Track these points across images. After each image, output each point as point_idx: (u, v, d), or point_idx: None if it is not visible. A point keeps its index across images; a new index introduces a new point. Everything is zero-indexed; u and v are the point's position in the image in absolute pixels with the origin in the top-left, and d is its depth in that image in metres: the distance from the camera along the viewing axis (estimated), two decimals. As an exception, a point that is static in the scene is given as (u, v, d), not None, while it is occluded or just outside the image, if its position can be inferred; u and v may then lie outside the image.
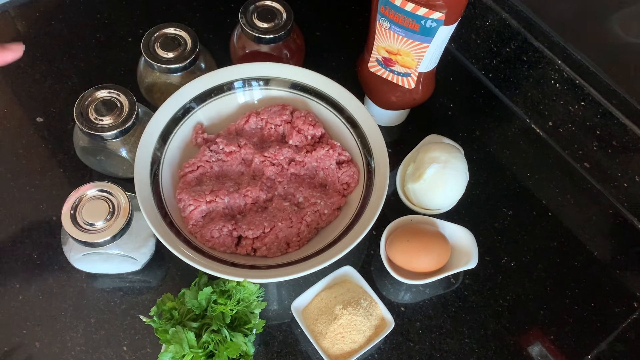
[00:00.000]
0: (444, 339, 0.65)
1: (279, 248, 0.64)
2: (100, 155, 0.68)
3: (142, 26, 0.85)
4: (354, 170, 0.68)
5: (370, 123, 0.68)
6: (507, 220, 0.73)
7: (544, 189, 0.76)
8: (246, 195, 0.66)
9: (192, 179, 0.67)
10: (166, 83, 0.72)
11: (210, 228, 0.63)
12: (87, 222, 0.59)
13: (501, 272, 0.70)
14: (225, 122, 0.72)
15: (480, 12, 0.77)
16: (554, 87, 0.74)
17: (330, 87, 0.71)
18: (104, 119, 0.64)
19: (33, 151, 0.74)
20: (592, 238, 0.72)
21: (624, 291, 0.69)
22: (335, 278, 0.65)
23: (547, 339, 0.66)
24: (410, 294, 0.68)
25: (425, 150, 0.70)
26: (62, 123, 0.76)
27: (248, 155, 0.69)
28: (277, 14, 0.72)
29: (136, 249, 0.63)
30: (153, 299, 0.66)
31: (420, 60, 0.65)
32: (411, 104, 0.73)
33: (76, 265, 0.64)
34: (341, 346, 0.61)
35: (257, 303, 0.59)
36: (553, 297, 0.68)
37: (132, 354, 0.63)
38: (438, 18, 0.59)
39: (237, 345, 0.56)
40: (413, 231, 0.65)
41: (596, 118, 0.71)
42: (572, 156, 0.77)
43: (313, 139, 0.70)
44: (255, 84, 0.72)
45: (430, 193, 0.68)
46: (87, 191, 0.61)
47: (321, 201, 0.66)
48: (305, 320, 0.63)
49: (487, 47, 0.80)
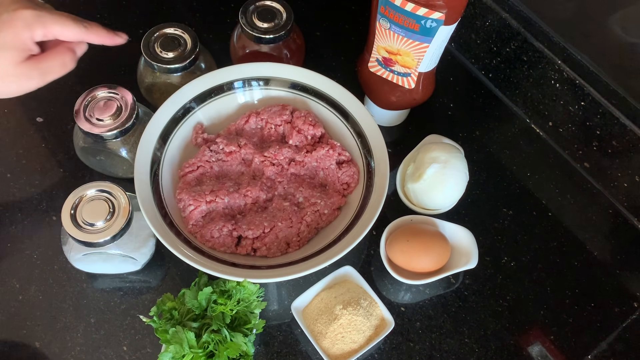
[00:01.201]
0: (444, 339, 0.65)
1: (279, 248, 0.64)
2: (100, 155, 0.68)
3: (142, 26, 0.84)
4: (354, 170, 0.68)
5: (370, 123, 0.68)
6: (507, 220, 0.73)
7: (544, 189, 0.76)
8: (246, 195, 0.66)
9: (192, 179, 0.67)
10: (166, 83, 0.72)
11: (210, 228, 0.63)
12: (87, 222, 0.59)
13: (501, 272, 0.70)
14: (225, 122, 0.72)
15: (480, 12, 0.77)
16: (554, 87, 0.74)
17: (330, 87, 0.71)
18: (105, 119, 0.64)
19: (33, 151, 0.74)
20: (592, 238, 0.72)
21: (624, 291, 0.69)
22: (335, 278, 0.65)
23: (547, 339, 0.66)
24: (410, 294, 0.68)
25: (425, 150, 0.70)
26: (62, 123, 0.76)
27: (248, 155, 0.69)
28: (277, 14, 0.72)
29: (136, 249, 0.63)
30: (153, 299, 0.66)
31: (420, 60, 0.65)
32: (411, 104, 0.73)
33: (76, 265, 0.64)
34: (341, 346, 0.61)
35: (257, 303, 0.59)
36: (553, 297, 0.68)
37: (132, 354, 0.63)
38: (438, 18, 0.59)
39: (237, 345, 0.56)
40: (413, 231, 0.65)
41: (596, 118, 0.71)
42: (572, 156, 0.77)
43: (313, 139, 0.70)
44: (255, 84, 0.72)
45: (430, 193, 0.68)
46: (87, 191, 0.61)
47: (321, 201, 0.66)
48: (305, 320, 0.63)
49: (487, 47, 0.80)
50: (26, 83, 0.55)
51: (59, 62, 0.56)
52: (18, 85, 0.55)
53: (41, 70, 0.55)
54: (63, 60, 0.56)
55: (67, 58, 0.57)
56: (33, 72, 0.55)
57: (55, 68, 0.56)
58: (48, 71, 0.56)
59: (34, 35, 0.54)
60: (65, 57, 0.56)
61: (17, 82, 0.55)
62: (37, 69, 0.55)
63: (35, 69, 0.55)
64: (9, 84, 0.54)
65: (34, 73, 0.55)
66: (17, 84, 0.55)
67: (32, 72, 0.55)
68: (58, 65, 0.56)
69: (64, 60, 0.56)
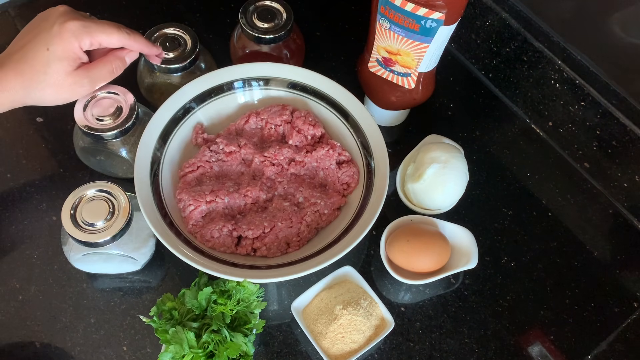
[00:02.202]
0: (444, 339, 0.65)
1: (279, 248, 0.64)
2: (100, 155, 0.68)
3: (142, 26, 0.84)
4: (354, 170, 0.68)
5: (370, 123, 0.68)
6: (507, 220, 0.73)
7: (544, 189, 0.76)
8: (246, 195, 0.66)
9: (192, 179, 0.67)
10: (166, 83, 0.72)
11: (210, 228, 0.63)
12: (87, 222, 0.59)
13: (501, 272, 0.70)
14: (225, 122, 0.72)
15: (480, 12, 0.77)
16: (554, 87, 0.74)
17: (330, 87, 0.71)
18: (105, 119, 0.64)
19: (33, 151, 0.74)
20: (592, 238, 0.72)
21: (624, 291, 0.69)
22: (335, 278, 0.65)
23: (547, 339, 0.66)
24: (410, 294, 0.68)
25: (425, 150, 0.70)
26: (62, 123, 0.76)
27: (248, 155, 0.69)
28: (277, 14, 0.72)
29: (136, 249, 0.63)
30: (153, 299, 0.66)
31: (420, 60, 0.65)
32: (411, 104, 0.73)
33: (76, 265, 0.64)
34: (341, 346, 0.61)
35: (257, 303, 0.59)
36: (553, 297, 0.68)
37: (132, 354, 0.63)
38: (438, 18, 0.59)
39: (237, 346, 0.56)
40: (413, 231, 0.65)
41: (596, 118, 0.71)
42: (572, 156, 0.77)
43: (313, 139, 0.70)
44: (255, 84, 0.72)
45: (430, 193, 0.68)
46: (87, 191, 0.61)
47: (321, 201, 0.66)
48: (305, 320, 0.63)
49: (487, 47, 0.80)
50: (78, 90, 0.60)
51: (108, 69, 0.61)
52: (71, 93, 0.60)
53: (91, 77, 0.60)
54: (111, 67, 0.61)
55: (115, 65, 0.61)
56: (84, 80, 0.59)
57: (105, 75, 0.61)
58: (98, 78, 0.61)
59: (82, 44, 0.58)
60: (113, 64, 0.61)
61: (70, 90, 0.59)
62: (88, 76, 0.59)
63: (86, 77, 0.59)
64: (62, 92, 0.59)
65: (84, 80, 0.59)
66: (70, 91, 0.59)
67: (83, 79, 0.59)
68: (107, 72, 0.61)
69: (112, 67, 0.61)
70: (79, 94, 0.60)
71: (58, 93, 0.58)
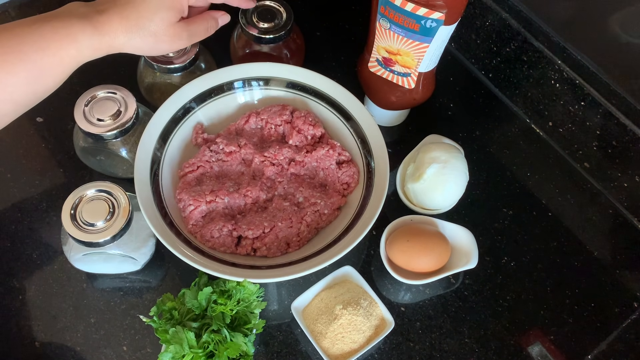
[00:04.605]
0: (444, 339, 0.65)
1: (279, 248, 0.64)
2: (100, 155, 0.68)
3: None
4: (354, 170, 0.68)
5: (370, 123, 0.68)
6: (507, 220, 0.73)
7: (544, 189, 0.76)
8: (246, 195, 0.66)
9: (192, 179, 0.67)
10: (166, 83, 0.72)
11: (210, 228, 0.63)
12: (87, 222, 0.59)
13: (501, 272, 0.70)
14: (225, 122, 0.72)
15: (480, 12, 0.77)
16: (554, 87, 0.74)
17: (330, 87, 0.71)
18: (105, 119, 0.64)
19: (33, 151, 0.74)
20: (592, 238, 0.72)
21: (624, 291, 0.69)
22: (335, 278, 0.65)
23: (547, 339, 0.66)
24: (410, 294, 0.68)
25: (425, 150, 0.70)
26: (62, 123, 0.76)
27: (248, 155, 0.69)
28: (277, 14, 0.72)
29: (136, 249, 0.63)
30: (153, 299, 0.66)
31: (420, 60, 0.65)
32: (411, 104, 0.73)
33: (76, 265, 0.64)
34: (341, 346, 0.61)
35: (257, 303, 0.59)
36: (553, 297, 0.68)
37: (132, 354, 0.63)
38: (438, 18, 0.59)
39: (237, 345, 0.56)
40: (413, 231, 0.65)
41: (596, 118, 0.71)
42: (572, 156, 0.77)
43: (313, 139, 0.70)
44: (255, 84, 0.72)
45: (430, 193, 0.68)
46: (87, 191, 0.61)
47: (321, 201, 0.66)
48: (305, 320, 0.63)
49: (487, 47, 0.80)
50: (177, 42, 0.60)
51: (204, 26, 0.62)
52: (170, 44, 0.60)
53: (190, 32, 0.61)
54: (207, 26, 0.62)
55: (210, 24, 0.63)
56: (183, 33, 0.60)
57: (201, 31, 0.62)
58: (194, 33, 0.62)
59: None
60: (209, 23, 0.63)
61: (170, 41, 0.59)
62: (187, 30, 0.60)
63: (186, 30, 0.60)
64: (162, 43, 0.59)
65: (184, 34, 0.60)
66: (169, 42, 0.60)
67: (183, 32, 0.60)
68: (203, 29, 0.62)
69: (207, 26, 0.63)
70: (177, 46, 0.61)
71: (157, 43, 0.58)
